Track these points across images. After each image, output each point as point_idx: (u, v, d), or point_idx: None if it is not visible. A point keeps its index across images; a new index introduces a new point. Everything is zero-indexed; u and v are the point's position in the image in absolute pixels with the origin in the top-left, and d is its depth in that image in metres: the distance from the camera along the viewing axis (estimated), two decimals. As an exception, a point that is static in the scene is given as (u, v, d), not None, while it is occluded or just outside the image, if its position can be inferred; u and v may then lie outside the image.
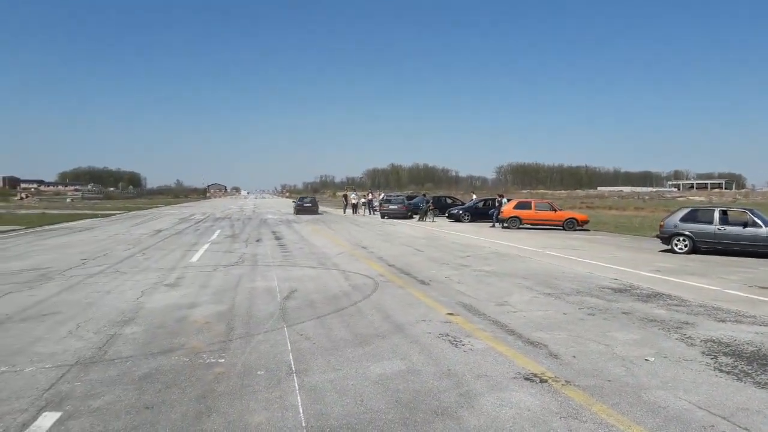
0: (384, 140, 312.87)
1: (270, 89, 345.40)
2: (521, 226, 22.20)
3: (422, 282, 9.09)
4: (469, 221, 26.74)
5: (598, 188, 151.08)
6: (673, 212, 14.82)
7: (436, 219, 28.34)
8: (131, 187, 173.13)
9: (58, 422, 3.42)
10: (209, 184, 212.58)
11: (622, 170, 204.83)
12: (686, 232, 13.53)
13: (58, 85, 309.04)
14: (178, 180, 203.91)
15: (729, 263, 12.02)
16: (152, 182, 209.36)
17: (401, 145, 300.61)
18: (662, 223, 14.36)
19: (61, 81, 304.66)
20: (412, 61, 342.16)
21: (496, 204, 24.12)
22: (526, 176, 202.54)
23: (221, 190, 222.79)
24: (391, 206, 30.94)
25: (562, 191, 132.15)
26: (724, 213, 13.66)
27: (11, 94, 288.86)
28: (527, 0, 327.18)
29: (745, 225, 13.03)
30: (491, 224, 23.71)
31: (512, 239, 17.50)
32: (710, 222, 13.35)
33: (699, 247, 13.49)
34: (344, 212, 37.39)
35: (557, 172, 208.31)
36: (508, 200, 24.25)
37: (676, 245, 13.63)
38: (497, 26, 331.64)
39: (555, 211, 22.50)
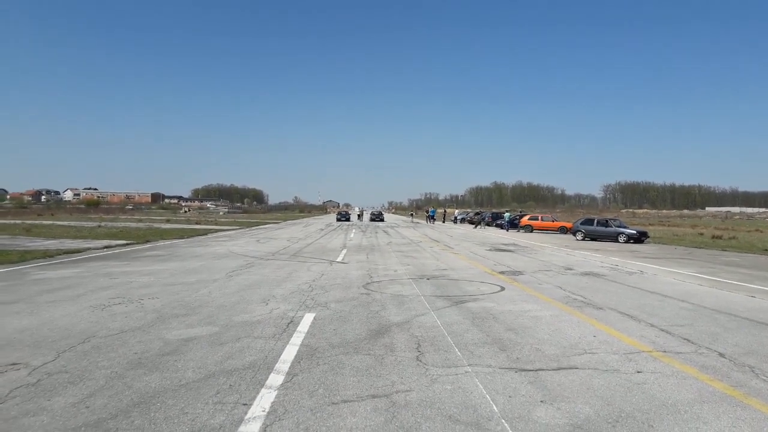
0: (488, 157, 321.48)
1: (376, 109, 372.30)
2: (533, 231, 32.86)
3: (449, 245, 21.49)
4: (506, 229, 37.38)
5: (706, 208, 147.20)
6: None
7: (487, 227, 40.95)
8: (255, 202, 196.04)
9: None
10: (325, 200, 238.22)
11: (740, 190, 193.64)
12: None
13: (191, 111, 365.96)
14: (296, 197, 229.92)
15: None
16: (271, 199, 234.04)
17: (506, 162, 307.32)
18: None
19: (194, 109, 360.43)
20: (521, 84, 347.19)
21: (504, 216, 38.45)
22: (636, 195, 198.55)
23: (335, 206, 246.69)
24: (459, 216, 53.65)
25: (663, 210, 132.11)
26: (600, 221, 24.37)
27: (157, 122, 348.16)
28: (647, 18, 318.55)
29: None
30: (506, 230, 35.42)
31: (521, 237, 28.93)
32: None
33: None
34: (433, 222, 53.34)
35: (669, 191, 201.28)
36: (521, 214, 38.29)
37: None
38: (610, 39, 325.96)
39: (554, 221, 33.58)
